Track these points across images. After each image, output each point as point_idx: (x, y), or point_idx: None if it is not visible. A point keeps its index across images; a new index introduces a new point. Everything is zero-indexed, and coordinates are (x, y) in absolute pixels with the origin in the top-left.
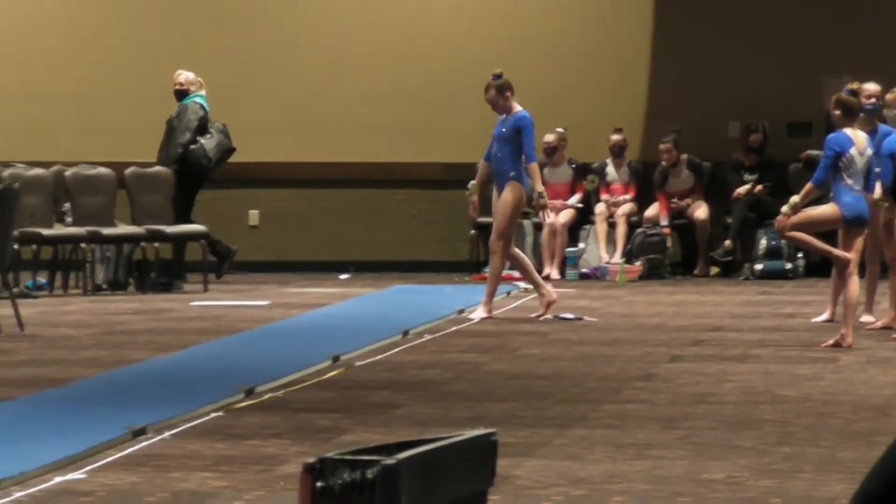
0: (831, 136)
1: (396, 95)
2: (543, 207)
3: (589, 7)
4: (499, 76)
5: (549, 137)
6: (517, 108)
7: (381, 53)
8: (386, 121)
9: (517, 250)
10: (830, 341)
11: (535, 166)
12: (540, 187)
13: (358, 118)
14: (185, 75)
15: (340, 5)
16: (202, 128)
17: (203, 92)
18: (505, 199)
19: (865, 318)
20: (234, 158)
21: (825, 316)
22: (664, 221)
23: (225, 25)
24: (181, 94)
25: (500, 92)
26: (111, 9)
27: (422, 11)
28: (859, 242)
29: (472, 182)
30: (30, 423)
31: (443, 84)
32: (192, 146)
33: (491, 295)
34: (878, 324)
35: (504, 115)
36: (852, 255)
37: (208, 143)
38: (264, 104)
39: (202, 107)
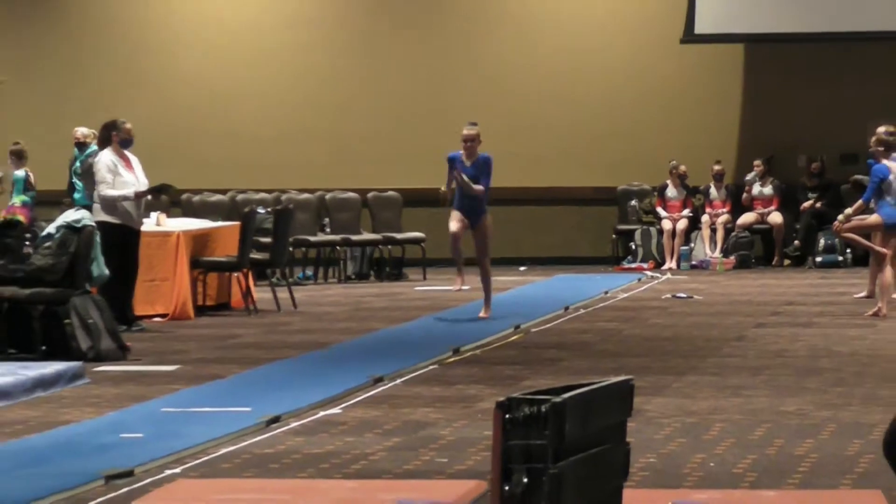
0: (876, 166)
1: (556, 134)
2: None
3: (695, 71)
4: (476, 124)
5: (683, 168)
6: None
7: (549, 101)
8: (552, 155)
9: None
10: (870, 312)
11: (480, 188)
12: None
13: (531, 154)
14: (82, 131)
15: (528, 50)
16: None
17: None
18: (489, 226)
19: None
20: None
21: (865, 293)
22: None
23: (435, 63)
24: (83, 146)
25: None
26: (359, 59)
27: (581, 67)
28: (894, 242)
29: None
30: (302, 374)
31: (591, 124)
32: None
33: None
34: None
35: (468, 157)
36: (889, 251)
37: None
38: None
39: None
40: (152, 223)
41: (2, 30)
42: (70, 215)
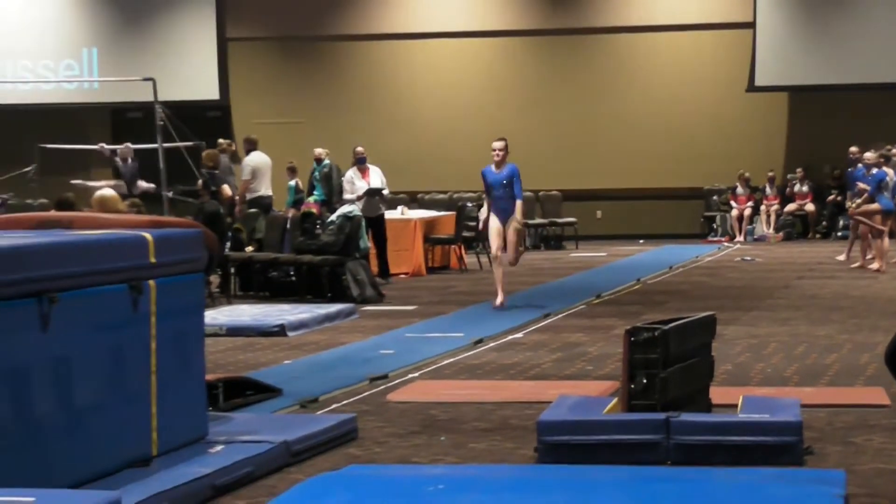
0: (878, 171)
1: (664, 153)
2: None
3: (756, 110)
4: (504, 139)
5: (747, 174)
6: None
7: (644, 131)
8: (661, 166)
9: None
10: (874, 267)
11: (521, 203)
12: (521, 217)
13: (648, 167)
14: (319, 150)
15: (647, 99)
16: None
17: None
18: (517, 227)
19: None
20: (590, 185)
21: (870, 256)
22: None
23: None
24: (319, 161)
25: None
26: (532, 107)
27: (681, 110)
28: (890, 222)
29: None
30: (496, 311)
31: (688, 147)
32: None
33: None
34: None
35: (497, 167)
36: (885, 228)
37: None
38: (602, 159)
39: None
40: (398, 213)
41: (301, 88)
42: (345, 209)
